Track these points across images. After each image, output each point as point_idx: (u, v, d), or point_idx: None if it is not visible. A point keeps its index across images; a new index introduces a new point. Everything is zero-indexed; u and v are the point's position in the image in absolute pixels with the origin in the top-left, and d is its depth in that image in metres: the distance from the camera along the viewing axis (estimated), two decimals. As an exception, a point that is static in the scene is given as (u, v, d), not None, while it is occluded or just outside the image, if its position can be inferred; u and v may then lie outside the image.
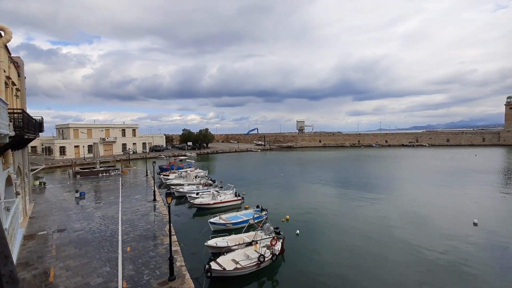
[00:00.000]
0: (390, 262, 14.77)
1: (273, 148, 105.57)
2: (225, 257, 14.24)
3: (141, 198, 26.05)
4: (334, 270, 14.10)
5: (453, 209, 23.88)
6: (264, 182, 37.86)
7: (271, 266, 14.42)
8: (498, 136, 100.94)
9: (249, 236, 16.38)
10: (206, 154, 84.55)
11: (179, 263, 13.18)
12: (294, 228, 19.30)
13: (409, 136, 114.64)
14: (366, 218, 22.10)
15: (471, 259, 14.84)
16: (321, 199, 28.28)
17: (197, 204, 24.71)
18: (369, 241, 17.60)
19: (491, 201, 27.03)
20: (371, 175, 43.16)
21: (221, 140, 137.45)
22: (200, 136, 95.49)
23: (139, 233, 17.14)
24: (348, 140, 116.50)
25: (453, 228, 19.38)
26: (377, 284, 12.82)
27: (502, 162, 57.16)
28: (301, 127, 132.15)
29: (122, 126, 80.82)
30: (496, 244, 16.70)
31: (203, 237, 17.09)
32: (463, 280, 12.98)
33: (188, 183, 33.46)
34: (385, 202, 26.59)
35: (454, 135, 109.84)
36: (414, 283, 12.79)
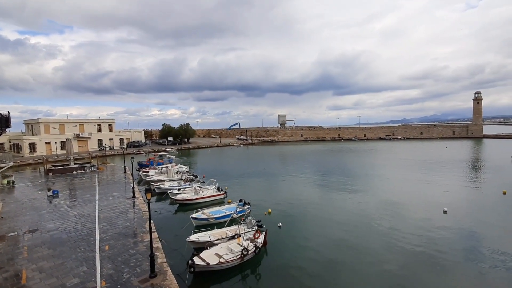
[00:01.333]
0: (369, 251, 15.36)
1: (255, 142, 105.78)
2: (208, 251, 14.17)
3: (120, 196, 25.25)
4: (316, 260, 14.45)
5: (425, 199, 25.19)
6: (247, 177, 37.94)
7: (255, 259, 14.55)
8: (467, 129, 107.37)
9: (232, 230, 16.38)
10: (187, 149, 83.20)
11: (160, 260, 12.94)
12: (277, 221, 19.55)
13: (386, 130, 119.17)
14: (346, 209, 22.81)
15: (442, 245, 15.76)
16: (302, 192, 28.80)
17: (178, 200, 24.33)
18: (349, 231, 18.20)
19: (459, 190, 28.80)
20: (351, 167, 44.49)
21: (203, 135, 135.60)
22: (181, 131, 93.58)
23: (118, 231, 16.65)
24: (328, 134, 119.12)
25: (425, 216, 20.47)
26: (357, 272, 13.31)
27: (470, 153, 60.99)
28: (283, 121, 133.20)
29: (98, 121, 77.50)
30: (464, 231, 17.85)
31: (185, 233, 16.88)
32: (435, 264, 13.76)
33: (169, 179, 32.82)
34: (364, 194, 27.55)
35: (427, 128, 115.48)
36: (392, 269, 13.40)
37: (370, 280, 12.55)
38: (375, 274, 13.09)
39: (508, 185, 28.66)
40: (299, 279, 12.77)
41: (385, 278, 12.67)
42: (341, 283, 12.43)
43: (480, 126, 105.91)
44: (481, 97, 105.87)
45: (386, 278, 12.67)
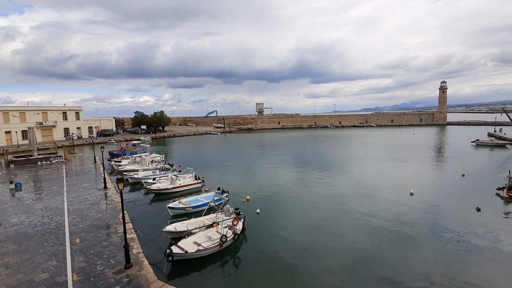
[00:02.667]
0: (344, 232, 16.09)
1: (232, 130, 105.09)
2: (186, 240, 14.05)
3: (90, 187, 24.08)
4: (294, 243, 14.87)
5: (394, 182, 26.69)
6: (225, 165, 37.76)
7: (233, 245, 14.68)
8: (433, 117, 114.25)
9: (210, 219, 16.32)
10: (163, 138, 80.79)
11: (136, 251, 12.63)
12: (255, 207, 19.75)
13: (360, 117, 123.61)
14: (322, 193, 23.57)
15: (409, 224, 16.88)
16: (280, 179, 29.26)
17: (154, 189, 23.69)
18: (325, 214, 18.87)
19: (424, 173, 30.81)
20: (327, 154, 45.83)
21: (179, 123, 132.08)
22: (155, 119, 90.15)
23: (89, 223, 15.97)
24: (305, 122, 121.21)
25: (394, 198, 21.73)
26: (333, 252, 13.90)
27: (434, 139, 65.23)
28: (260, 109, 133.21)
29: (63, 108, 72.47)
30: (428, 211, 19.22)
31: (162, 223, 16.57)
32: (403, 242, 14.74)
33: (143, 168, 31.79)
34: (339, 178, 28.58)
35: (397, 116, 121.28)
36: (365, 247, 14.16)
37: (345, 259, 13.17)
38: (349, 253, 13.76)
39: (467, 168, 31.14)
40: (277, 262, 13.10)
41: (359, 256, 13.36)
42: (318, 263, 12.92)
43: (445, 114, 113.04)
44: (446, 87, 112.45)
45: (359, 256, 13.36)
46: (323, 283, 11.51)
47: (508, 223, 16.97)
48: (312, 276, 11.97)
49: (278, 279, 11.89)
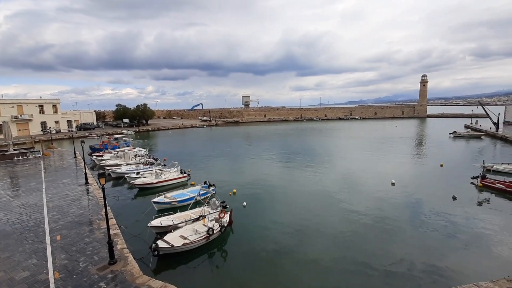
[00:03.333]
0: (329, 222, 16.47)
1: (218, 123, 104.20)
2: (172, 234, 13.94)
3: (70, 182, 23.30)
4: (280, 235, 15.08)
5: (377, 172, 27.48)
6: (211, 158, 37.51)
7: (220, 238, 14.72)
8: (414, 110, 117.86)
9: (196, 213, 16.24)
10: (146, 131, 78.99)
11: (120, 246, 12.41)
12: (241, 200, 19.81)
13: (345, 110, 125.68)
14: (308, 185, 23.93)
15: (390, 213, 17.50)
16: (267, 172, 29.43)
17: (138, 184, 23.23)
18: (311, 206, 19.21)
19: (405, 164, 31.90)
20: (313, 146, 46.43)
21: (163, 116, 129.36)
22: (138, 112, 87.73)
23: (70, 219, 15.51)
24: (291, 115, 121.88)
25: (377, 188, 22.39)
26: (319, 243, 14.21)
27: (415, 131, 67.48)
28: (246, 102, 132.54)
29: (39, 101, 69.13)
30: (408, 200, 19.97)
31: (147, 217, 16.31)
32: (385, 230, 15.27)
33: (126, 163, 31.05)
34: (325, 170, 29.09)
35: (380, 109, 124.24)
36: (349, 236, 14.58)
37: (330, 248, 13.52)
38: (335, 242, 14.12)
39: (445, 159, 32.50)
40: (264, 253, 13.26)
41: (344, 245, 13.76)
42: (304, 253, 13.18)
43: (425, 106, 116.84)
44: (426, 80, 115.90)
45: (344, 245, 13.76)
46: (310, 272, 11.79)
47: (481, 210, 17.93)
48: (299, 266, 12.23)
49: (265, 269, 12.06)
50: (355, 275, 11.47)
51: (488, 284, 9.09)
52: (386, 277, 11.25)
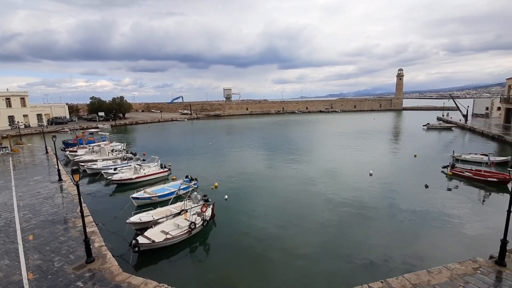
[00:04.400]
0: (311, 212, 16.83)
1: (200, 117, 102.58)
2: (153, 229, 13.68)
3: (42, 179, 22.12)
4: (263, 226, 15.23)
5: (356, 164, 28.35)
6: (193, 152, 36.97)
7: (203, 232, 14.65)
8: (391, 103, 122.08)
9: (177, 207, 16.01)
10: (124, 125, 76.26)
11: (97, 244, 12.01)
12: (223, 194, 19.75)
13: (325, 103, 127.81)
14: (289, 177, 24.24)
15: (368, 202, 18.17)
16: (249, 164, 29.48)
17: (116, 180, 22.46)
18: (293, 197, 19.52)
19: (382, 155, 33.13)
20: (294, 139, 46.97)
21: (141, 109, 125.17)
22: (114, 105, 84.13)
23: (43, 218, 14.78)
24: (273, 108, 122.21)
25: (355, 179, 23.13)
26: (301, 233, 14.50)
27: (391, 124, 70.12)
28: (228, 95, 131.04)
29: (6, 94, 64.51)
30: (385, 189, 20.81)
31: (125, 214, 15.86)
32: (363, 218, 15.86)
33: (102, 158, 29.89)
34: (306, 162, 29.58)
35: (359, 102, 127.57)
36: (330, 226, 15.00)
37: (312, 238, 13.84)
38: (316, 231, 14.48)
39: (419, 149, 34.09)
40: (247, 245, 13.36)
41: (325, 234, 14.13)
42: (287, 243, 13.40)
43: (401, 100, 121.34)
44: (403, 74, 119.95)
45: (326, 234, 14.14)
46: (293, 262, 12.03)
47: (451, 197, 19.06)
48: (282, 256, 12.44)
49: (248, 261, 12.17)
50: (337, 262, 11.86)
51: (455, 265, 9.71)
52: (366, 263, 11.72)
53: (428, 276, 9.19)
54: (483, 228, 14.38)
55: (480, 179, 21.46)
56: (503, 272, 9.32)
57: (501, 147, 34.73)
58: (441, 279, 9.02)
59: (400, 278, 9.15)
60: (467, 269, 9.51)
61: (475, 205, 17.67)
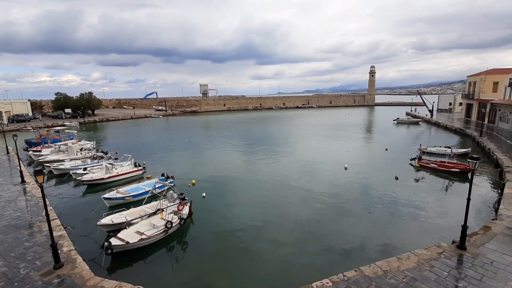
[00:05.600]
0: (288, 206, 17.08)
1: (176, 113, 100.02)
2: (127, 230, 13.19)
3: (4, 182, 20.49)
4: (242, 222, 15.22)
5: (332, 158, 29.20)
6: (169, 149, 36.01)
7: (180, 230, 14.38)
8: (364, 98, 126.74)
9: (152, 207, 15.56)
10: (93, 122, 72.45)
11: (66, 248, 11.36)
12: (201, 191, 19.48)
13: (302, 99, 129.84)
14: (267, 173, 24.41)
15: (344, 195, 18.82)
16: (227, 161, 29.29)
17: (86, 180, 21.33)
18: (271, 193, 19.69)
19: (356, 149, 34.40)
20: (272, 134, 47.30)
21: (112, 105, 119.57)
22: (82, 101, 79.41)
23: (6, 223, 13.75)
24: (251, 104, 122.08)
25: (331, 173, 23.83)
26: (280, 228, 14.67)
27: (365, 119, 72.94)
28: (205, 90, 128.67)
29: (-43, 89, 58.57)
30: (359, 182, 21.64)
31: (97, 216, 15.12)
32: (339, 210, 16.41)
33: (70, 158, 28.24)
34: (283, 157, 29.92)
35: (335, 98, 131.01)
36: (307, 218, 15.33)
37: (291, 232, 14.05)
38: (294, 225, 14.73)
39: (390, 143, 35.77)
40: (226, 241, 13.31)
41: (303, 228, 14.42)
42: (266, 238, 13.50)
43: (373, 96, 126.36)
44: (375, 71, 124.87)
45: (303, 227, 14.42)
46: (272, 256, 12.15)
47: (418, 187, 20.24)
48: (261, 251, 12.53)
49: (227, 257, 12.13)
50: (315, 254, 12.15)
51: (422, 251, 10.35)
52: (343, 253, 12.16)
53: (398, 262, 9.71)
54: (447, 215, 15.44)
55: (444, 170, 23.01)
56: (463, 255, 10.08)
57: (462, 140, 37.41)
58: (410, 265, 9.57)
59: (372, 265, 9.58)
60: (432, 254, 10.17)
61: (440, 194, 18.91)
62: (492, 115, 44.32)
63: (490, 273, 9.04)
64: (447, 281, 8.72)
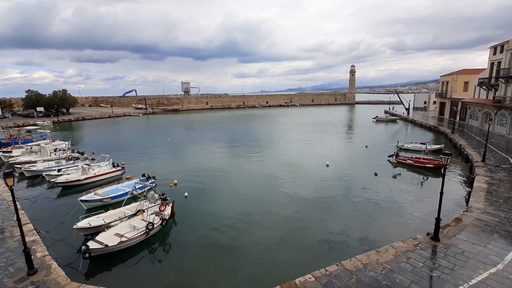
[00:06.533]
0: (272, 203, 17.20)
1: (156, 111, 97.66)
2: (106, 233, 12.74)
3: (-32, 185, 19.12)
4: (225, 221, 15.15)
5: (314, 155, 29.70)
6: (150, 149, 35.11)
7: (162, 231, 14.10)
8: (345, 97, 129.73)
9: (132, 208, 15.13)
10: (68, 121, 69.23)
11: (40, 254, 10.82)
12: (183, 191, 19.18)
13: (285, 97, 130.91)
14: (251, 171, 24.44)
15: (326, 191, 19.22)
16: (209, 160, 29.01)
17: (61, 182, 20.36)
18: (254, 191, 19.73)
19: (337, 146, 35.20)
20: (255, 133, 47.35)
21: (88, 104, 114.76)
22: (56, 99, 75.45)
23: (-29, 230, 12.82)
24: (234, 102, 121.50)
25: (314, 170, 24.24)
26: (264, 225, 14.73)
27: (346, 117, 74.79)
28: (186, 88, 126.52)
29: None
30: (340, 179, 22.17)
31: (73, 219, 14.50)
32: (322, 206, 16.72)
33: (43, 159, 26.86)
34: (266, 155, 30.05)
35: (317, 96, 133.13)
36: (291, 214, 15.51)
37: (276, 229, 14.14)
38: (279, 223, 14.84)
39: (369, 140, 36.93)
40: (210, 241, 13.18)
41: (287, 224, 14.56)
42: (250, 237, 13.52)
43: (354, 94, 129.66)
44: (355, 70, 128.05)
45: (288, 224, 14.57)
46: (255, 254, 12.20)
47: (396, 183, 21.04)
48: (245, 249, 12.54)
49: (210, 257, 12.03)
50: (299, 250, 12.32)
51: (399, 244, 10.79)
52: (325, 248, 12.42)
53: (377, 256, 10.06)
54: (422, 209, 16.17)
55: (420, 165, 24.06)
56: (437, 246, 10.61)
57: (436, 137, 39.28)
58: (388, 257, 9.94)
59: (353, 259, 9.86)
60: (408, 246, 10.62)
61: (416, 189, 19.76)
62: (463, 113, 46.85)
63: (461, 262, 9.57)
64: (422, 271, 9.14)
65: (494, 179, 18.04)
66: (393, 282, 8.64)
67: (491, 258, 9.73)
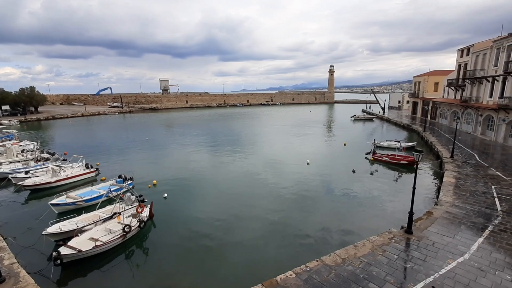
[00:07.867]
0: (255, 203, 17.19)
1: (133, 110, 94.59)
2: (79, 238, 12.14)
3: None
4: (206, 221, 14.95)
5: (295, 154, 30.08)
6: (127, 149, 33.91)
7: (140, 234, 13.69)
8: (324, 96, 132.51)
9: (107, 211, 14.55)
10: (37, 120, 65.31)
11: (8, 262, 10.15)
12: (162, 192, 18.72)
13: (266, 96, 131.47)
14: (232, 171, 24.31)
15: (307, 188, 19.53)
16: (190, 160, 28.52)
17: (29, 185, 19.16)
18: (236, 190, 19.64)
19: (317, 145, 35.89)
20: (236, 132, 47.16)
21: (59, 102, 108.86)
22: (23, 97, 70.94)
23: None
24: (214, 100, 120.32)
25: (295, 168, 24.55)
26: (246, 224, 14.69)
27: (325, 115, 76.41)
28: (165, 86, 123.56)
29: None
30: (320, 176, 22.62)
31: (43, 224, 13.71)
32: (303, 203, 16.97)
33: (9, 160, 25.16)
34: (248, 154, 30.03)
35: (297, 95, 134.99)
36: (274, 212, 15.59)
37: (257, 228, 14.15)
38: (261, 221, 14.87)
39: (347, 138, 38.00)
40: (190, 242, 12.95)
41: (270, 223, 14.62)
42: (231, 237, 13.41)
43: (333, 93, 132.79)
44: (334, 70, 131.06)
45: (270, 223, 14.63)
46: (237, 253, 12.13)
47: (373, 179, 21.80)
48: (226, 249, 12.44)
49: (191, 258, 11.82)
50: (280, 248, 12.42)
51: (376, 238, 11.19)
52: (306, 244, 12.60)
53: (355, 250, 10.37)
54: (397, 203, 16.88)
55: (395, 162, 25.10)
56: (410, 239, 11.12)
57: (409, 134, 41.15)
58: (365, 251, 10.28)
59: (332, 254, 10.09)
60: (384, 240, 11.04)
61: (391, 184, 20.59)
62: (434, 112, 49.45)
63: (432, 253, 10.10)
64: (397, 263, 9.54)
65: (461, 174, 19.20)
66: (370, 275, 8.94)
67: (459, 248, 10.34)
